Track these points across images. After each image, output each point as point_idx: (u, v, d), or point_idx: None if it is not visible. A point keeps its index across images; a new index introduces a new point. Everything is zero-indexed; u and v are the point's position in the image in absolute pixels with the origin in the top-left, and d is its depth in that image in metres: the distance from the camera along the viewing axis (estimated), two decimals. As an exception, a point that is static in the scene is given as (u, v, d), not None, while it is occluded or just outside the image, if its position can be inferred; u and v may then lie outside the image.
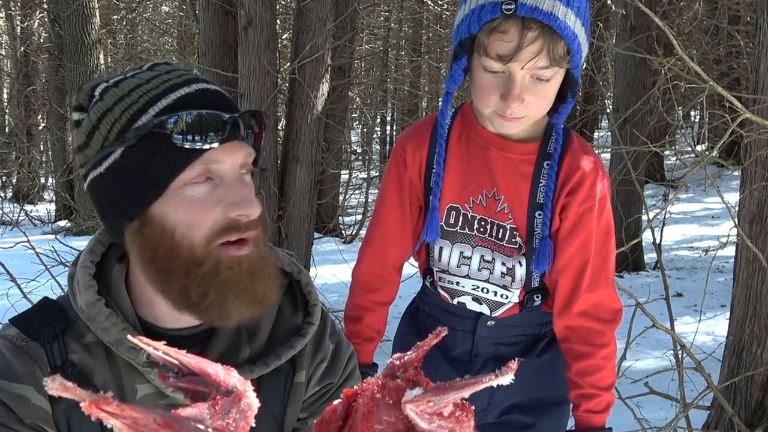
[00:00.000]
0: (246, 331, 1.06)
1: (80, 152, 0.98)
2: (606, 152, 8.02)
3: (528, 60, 1.26)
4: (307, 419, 1.11)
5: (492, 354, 1.61)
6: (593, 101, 12.08)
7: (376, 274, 1.61)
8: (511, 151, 1.46)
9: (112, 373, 0.99)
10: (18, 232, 4.83)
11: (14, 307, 2.69)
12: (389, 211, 1.56)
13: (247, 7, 4.12)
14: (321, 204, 7.13)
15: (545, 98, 1.34)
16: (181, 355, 0.63)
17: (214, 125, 0.92)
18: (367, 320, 1.61)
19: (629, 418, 3.06)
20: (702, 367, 2.92)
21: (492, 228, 1.50)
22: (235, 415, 0.58)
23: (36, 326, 0.99)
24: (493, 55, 1.28)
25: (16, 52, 12.47)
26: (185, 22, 10.77)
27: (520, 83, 1.30)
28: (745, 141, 3.07)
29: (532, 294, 1.56)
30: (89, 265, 1.01)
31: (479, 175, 1.48)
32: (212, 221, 0.93)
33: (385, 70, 12.59)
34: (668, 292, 3.16)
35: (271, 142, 4.33)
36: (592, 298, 1.49)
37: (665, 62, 3.24)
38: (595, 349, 1.49)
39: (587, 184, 1.45)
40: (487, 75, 1.33)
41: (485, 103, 1.36)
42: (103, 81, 0.99)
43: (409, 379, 0.60)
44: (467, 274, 1.54)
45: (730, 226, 3.29)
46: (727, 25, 7.94)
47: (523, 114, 1.34)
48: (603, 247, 1.49)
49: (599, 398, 1.50)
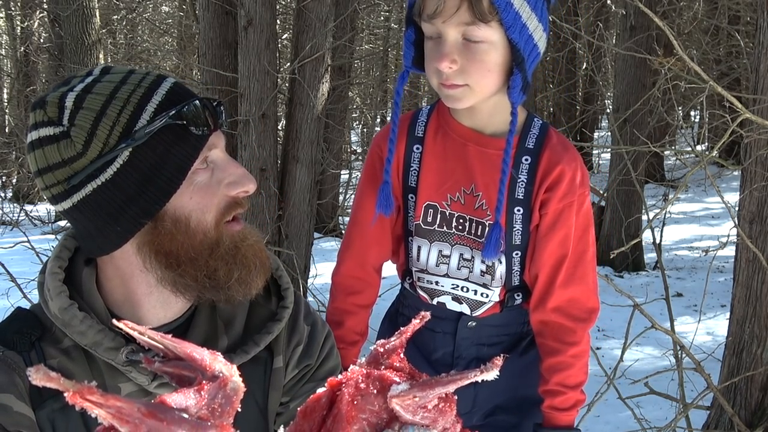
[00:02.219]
0: (222, 321, 1.08)
1: (64, 167, 0.94)
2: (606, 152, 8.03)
3: (450, 14, 1.27)
4: (289, 403, 1.13)
5: (474, 355, 1.59)
6: (593, 101, 12.08)
7: (357, 276, 1.58)
8: (488, 146, 1.45)
9: (93, 375, 0.99)
10: (18, 232, 4.83)
11: (14, 307, 2.69)
12: (365, 212, 1.53)
13: (247, 7, 4.12)
14: (321, 204, 7.13)
15: (482, 63, 1.31)
16: (166, 340, 0.63)
17: (211, 113, 0.97)
18: (349, 324, 1.58)
19: (629, 418, 3.06)
20: (701, 368, 2.92)
21: (470, 225, 1.48)
22: (221, 400, 0.58)
23: (11, 336, 0.99)
24: (424, 17, 1.31)
25: (16, 52, 12.47)
26: (185, 22, 10.77)
27: (451, 43, 1.30)
28: (745, 141, 3.07)
29: (512, 292, 1.54)
30: (58, 271, 1.01)
31: (457, 171, 1.47)
32: (217, 202, 0.99)
33: (385, 70, 12.59)
34: (668, 292, 3.16)
35: (271, 142, 4.33)
36: (566, 294, 1.49)
37: (665, 62, 3.24)
38: (564, 346, 1.49)
39: (567, 180, 1.44)
40: (429, 43, 1.35)
41: (429, 73, 1.37)
42: (63, 91, 0.96)
43: (392, 366, 0.61)
44: (446, 273, 1.52)
45: (730, 226, 3.29)
46: (727, 25, 7.94)
47: (462, 81, 1.33)
48: (580, 242, 1.49)
49: (564, 396, 1.50)
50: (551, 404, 1.50)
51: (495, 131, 1.45)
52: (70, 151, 0.93)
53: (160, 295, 1.02)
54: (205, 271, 0.98)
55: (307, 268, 4.58)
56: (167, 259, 0.97)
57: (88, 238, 0.99)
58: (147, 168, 0.93)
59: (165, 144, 0.94)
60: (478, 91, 1.35)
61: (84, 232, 0.99)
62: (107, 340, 0.97)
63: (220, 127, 1.01)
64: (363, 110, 14.44)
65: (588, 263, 1.51)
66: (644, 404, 3.36)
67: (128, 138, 0.92)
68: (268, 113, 4.26)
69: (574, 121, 10.36)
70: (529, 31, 1.32)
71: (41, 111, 0.95)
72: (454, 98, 1.36)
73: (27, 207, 10.35)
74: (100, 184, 0.93)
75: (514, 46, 1.31)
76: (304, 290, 4.34)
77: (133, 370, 0.97)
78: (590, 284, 1.52)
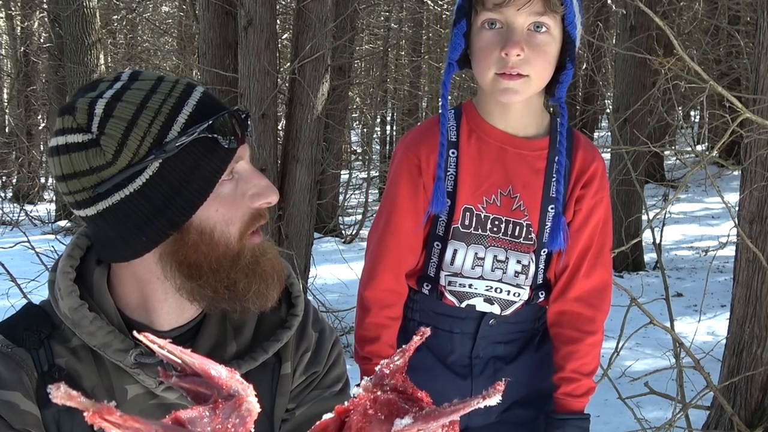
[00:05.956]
0: (232, 326, 1.07)
1: (91, 174, 0.93)
2: (606, 152, 8.03)
3: (525, 2, 1.31)
4: (295, 410, 1.12)
5: (491, 354, 1.60)
6: (593, 101, 12.08)
7: (393, 289, 1.56)
8: (524, 147, 1.49)
9: (100, 375, 0.99)
10: (18, 232, 4.83)
11: (14, 307, 2.68)
12: (404, 220, 1.53)
13: (247, 7, 4.12)
14: (321, 204, 7.13)
15: (545, 55, 1.36)
16: (185, 355, 0.63)
17: (239, 124, 0.97)
18: (384, 338, 1.56)
19: (629, 418, 3.06)
20: (701, 366, 2.93)
21: (507, 226, 1.51)
22: (235, 420, 0.58)
23: (21, 332, 0.99)
24: (489, 5, 1.34)
25: (16, 52, 12.47)
26: (185, 22, 10.77)
27: (519, 30, 1.34)
28: (745, 141, 3.07)
29: (537, 291, 1.57)
30: (69, 270, 1.00)
31: (494, 174, 1.49)
32: (242, 215, 0.99)
33: (385, 70, 12.58)
34: (668, 292, 3.16)
35: (271, 142, 4.33)
36: (588, 283, 1.54)
37: (665, 62, 3.24)
38: (583, 335, 1.54)
39: (599, 177, 1.52)
40: (486, 33, 1.37)
41: (486, 65, 1.38)
42: (93, 97, 0.95)
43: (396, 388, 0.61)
44: (481, 275, 1.53)
45: (730, 226, 3.29)
46: (727, 25, 7.94)
47: (526, 71, 1.36)
48: (602, 234, 1.55)
49: (579, 383, 1.54)
50: (566, 391, 1.55)
51: (527, 134, 1.50)
52: (99, 160, 0.92)
53: (175, 302, 1.02)
54: (225, 283, 0.98)
55: (307, 268, 4.58)
56: (189, 270, 0.97)
57: (109, 245, 0.98)
58: (176, 180, 0.93)
59: (194, 156, 0.93)
60: (535, 83, 1.39)
61: (105, 239, 0.98)
62: (117, 341, 0.97)
63: (248, 138, 1.00)
64: (363, 110, 14.45)
65: (607, 254, 1.57)
66: (644, 404, 3.36)
67: (159, 149, 0.91)
68: (268, 113, 4.26)
69: (574, 121, 10.36)
70: (576, 29, 1.39)
71: (70, 117, 0.94)
72: (513, 91, 1.39)
73: (27, 207, 10.35)
74: (128, 194, 0.93)
75: (569, 42, 1.38)
76: (304, 290, 4.35)
77: (141, 373, 0.97)
78: (608, 275, 1.58)
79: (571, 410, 1.55)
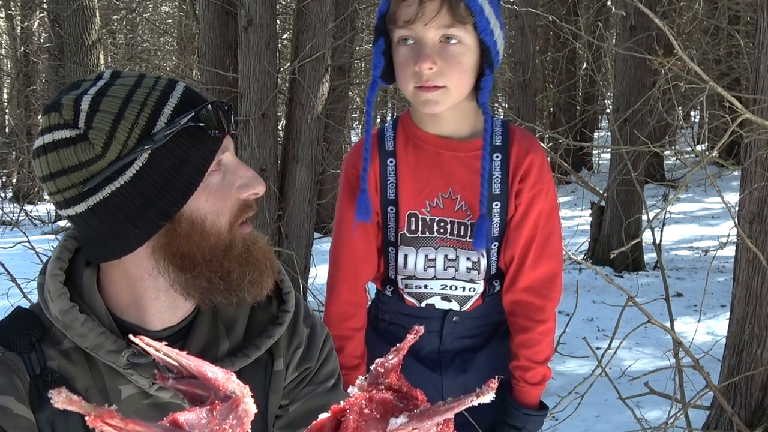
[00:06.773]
0: (223, 324, 1.08)
1: (80, 170, 0.93)
2: (606, 152, 8.03)
3: (431, 17, 1.34)
4: (288, 406, 1.13)
5: (458, 347, 1.66)
6: (593, 101, 12.08)
7: (351, 300, 1.62)
8: (459, 149, 1.53)
9: (93, 377, 0.99)
10: (18, 232, 4.83)
11: (14, 306, 2.69)
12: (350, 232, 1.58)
13: (247, 7, 4.12)
14: (321, 204, 7.13)
15: (460, 65, 1.39)
16: (181, 357, 0.63)
17: (224, 115, 0.98)
18: (348, 349, 1.61)
19: (629, 418, 3.06)
20: (700, 366, 2.93)
21: (452, 227, 1.55)
22: (232, 421, 0.58)
23: (11, 336, 0.99)
24: (400, 23, 1.38)
25: (16, 52, 12.48)
26: (185, 22, 10.77)
27: (430, 44, 1.37)
28: (745, 141, 3.07)
29: (491, 281, 1.63)
30: (59, 272, 1.00)
31: (433, 178, 1.54)
32: (231, 205, 1.00)
33: (385, 70, 12.54)
34: (668, 292, 3.16)
35: (271, 142, 4.33)
36: (535, 274, 1.58)
37: (665, 62, 3.24)
38: (534, 324, 1.59)
39: (536, 168, 1.54)
40: (402, 49, 1.41)
41: (405, 79, 1.43)
42: (77, 94, 0.95)
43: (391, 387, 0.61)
44: (434, 275, 1.58)
45: (730, 226, 3.29)
46: (727, 25, 7.94)
47: (442, 83, 1.40)
48: (546, 225, 1.58)
49: (534, 371, 1.60)
50: (522, 378, 1.61)
51: (463, 135, 1.54)
52: (88, 154, 0.92)
53: (167, 299, 1.02)
54: (219, 273, 0.98)
55: (307, 268, 4.57)
56: (182, 261, 0.97)
57: (99, 244, 0.97)
58: (166, 170, 0.93)
59: (183, 146, 0.94)
60: (454, 93, 1.42)
61: (95, 237, 0.97)
62: (109, 342, 0.96)
63: (232, 129, 1.01)
64: (363, 110, 14.44)
65: (554, 244, 1.60)
66: (644, 404, 3.36)
67: (148, 140, 0.92)
68: (268, 113, 4.26)
69: (574, 121, 10.36)
70: (494, 35, 1.42)
71: (56, 114, 0.94)
72: (432, 102, 1.43)
73: (27, 207, 10.36)
74: (119, 187, 0.93)
75: (485, 49, 1.41)
76: (304, 290, 4.35)
77: (134, 373, 0.97)
78: (556, 264, 1.62)
79: (527, 404, 1.61)
